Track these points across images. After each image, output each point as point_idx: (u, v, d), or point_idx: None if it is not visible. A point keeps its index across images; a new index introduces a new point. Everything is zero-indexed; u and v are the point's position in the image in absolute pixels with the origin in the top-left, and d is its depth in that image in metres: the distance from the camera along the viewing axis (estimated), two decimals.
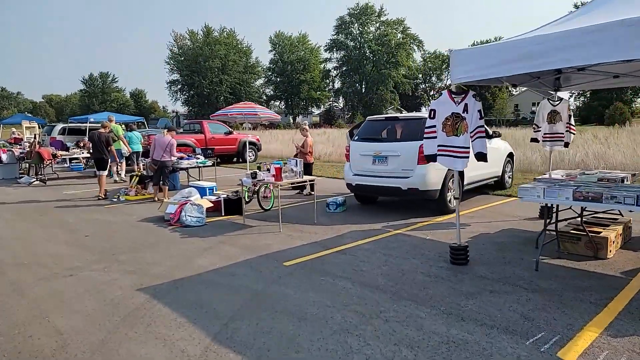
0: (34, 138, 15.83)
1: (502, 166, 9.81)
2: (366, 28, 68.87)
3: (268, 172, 7.78)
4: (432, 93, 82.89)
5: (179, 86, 70.08)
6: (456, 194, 5.30)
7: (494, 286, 4.41)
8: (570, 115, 7.08)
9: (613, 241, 5.18)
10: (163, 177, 9.76)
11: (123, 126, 15.47)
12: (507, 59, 4.48)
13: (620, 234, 5.45)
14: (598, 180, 4.85)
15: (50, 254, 6.02)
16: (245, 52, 71.59)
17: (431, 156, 5.17)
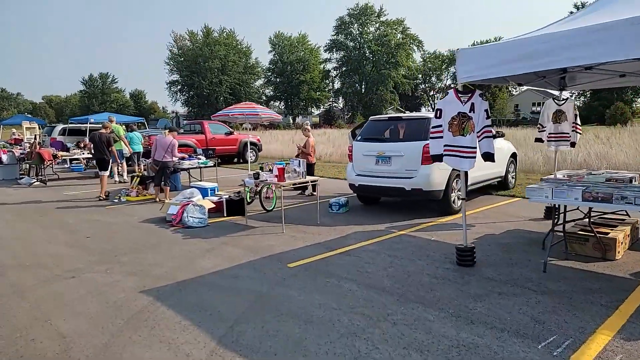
0: (34, 139, 15.76)
1: (506, 166, 9.75)
2: (366, 28, 68.74)
3: (270, 173, 7.73)
4: (432, 93, 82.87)
5: (179, 87, 69.97)
6: (462, 195, 5.24)
7: (502, 288, 4.35)
8: (576, 114, 7.02)
9: (621, 242, 5.12)
10: (164, 178, 9.69)
11: (123, 127, 15.42)
12: (515, 58, 4.41)
13: (628, 235, 5.39)
14: (606, 180, 4.78)
15: (51, 255, 5.95)
16: (245, 53, 71.46)
17: (437, 156, 5.10)
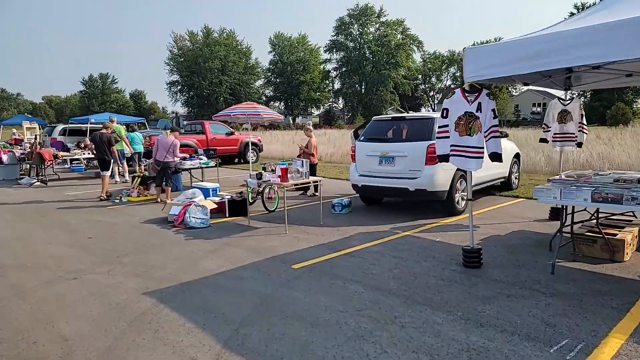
0: (35, 139, 15.69)
1: (509, 167, 9.70)
2: (366, 29, 68.69)
3: (273, 173, 7.67)
4: (432, 94, 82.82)
5: (179, 87, 69.91)
6: (468, 195, 5.18)
7: (511, 290, 4.30)
8: (582, 114, 6.96)
9: (629, 243, 5.06)
10: (166, 178, 9.64)
11: (124, 127, 15.36)
12: (523, 57, 4.35)
13: (636, 236, 5.33)
14: (614, 181, 4.71)
15: (52, 256, 5.89)
16: (245, 53, 71.40)
17: (444, 156, 5.04)
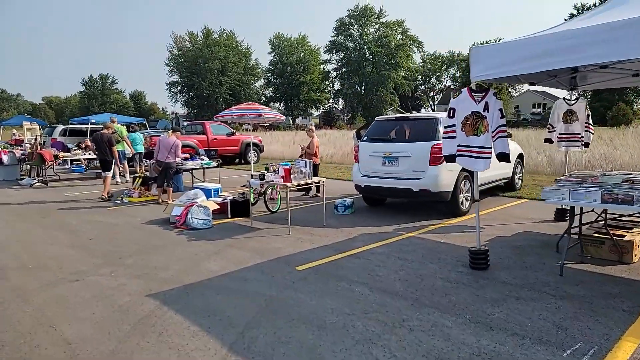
0: (35, 139, 15.63)
1: (513, 167, 9.65)
2: (366, 29, 68.63)
3: (275, 174, 7.61)
4: (432, 94, 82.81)
5: (179, 88, 69.89)
6: (475, 196, 5.12)
7: (519, 293, 4.24)
8: (588, 114, 6.90)
9: (638, 245, 5.00)
10: (167, 179, 9.58)
11: (124, 127, 15.31)
12: (530, 56, 4.30)
13: None
14: (622, 181, 4.66)
15: (54, 258, 5.83)
16: (244, 54, 71.37)
17: (450, 156, 4.99)
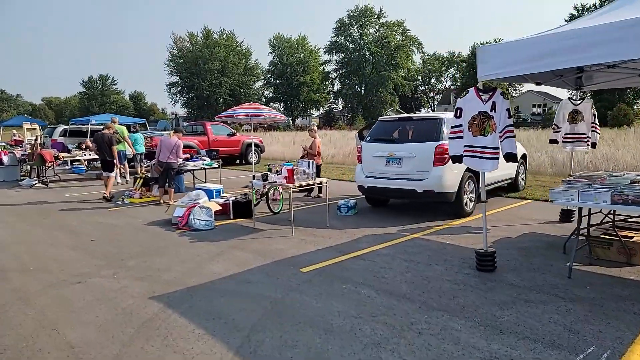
0: (35, 140, 15.57)
1: (516, 168, 9.59)
2: (366, 30, 68.59)
3: (277, 174, 7.56)
4: (432, 95, 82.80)
5: (179, 88, 69.79)
6: (482, 197, 5.06)
7: (528, 295, 4.18)
8: (594, 114, 6.85)
9: None
10: (169, 180, 9.52)
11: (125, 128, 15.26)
12: (538, 55, 4.25)
13: None
14: (631, 182, 4.61)
15: (55, 259, 5.77)
16: (244, 54, 71.31)
17: (457, 157, 4.93)
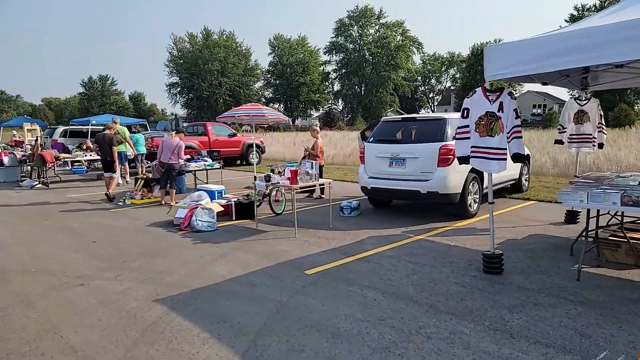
0: (36, 141, 15.51)
1: (520, 169, 9.54)
2: (365, 30, 68.50)
3: (279, 175, 7.51)
4: (432, 95, 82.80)
5: (178, 89, 69.71)
6: (490, 199, 5.00)
7: (537, 298, 4.13)
8: (601, 114, 6.80)
9: None
10: (170, 180, 9.46)
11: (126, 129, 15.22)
12: (547, 54, 4.21)
13: None
14: (639, 183, 4.55)
15: (57, 261, 5.72)
16: (244, 55, 71.26)
17: (464, 158, 4.88)
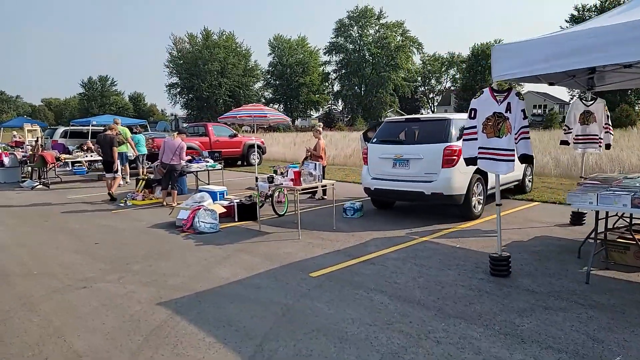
0: (36, 141, 15.45)
1: (523, 169, 9.49)
2: (365, 31, 68.39)
3: (282, 176, 7.46)
4: (432, 96, 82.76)
5: (178, 89, 69.64)
6: (497, 200, 4.95)
7: (547, 301, 4.07)
8: (608, 115, 6.75)
9: None
10: (172, 181, 9.41)
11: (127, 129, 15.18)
12: (556, 54, 4.15)
13: None
14: None
15: (59, 264, 5.66)
16: (244, 55, 71.19)
17: (471, 159, 4.83)
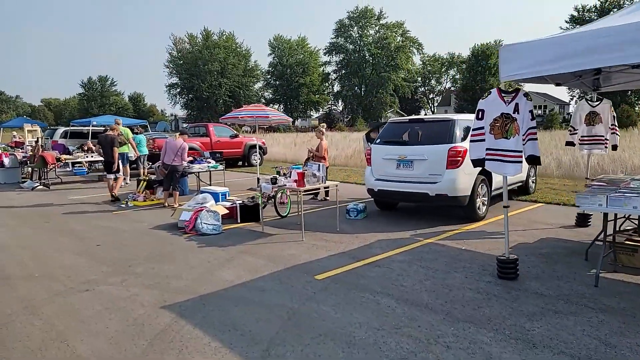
0: (37, 142, 15.39)
1: (527, 171, 9.44)
2: (365, 31, 68.42)
3: (284, 177, 7.40)
4: (432, 96, 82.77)
5: (178, 90, 69.65)
6: (504, 202, 4.89)
7: (556, 305, 4.02)
8: (614, 116, 6.70)
9: None
10: (173, 182, 9.35)
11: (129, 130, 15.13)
12: (565, 55, 4.10)
13: None
14: None
15: (61, 266, 5.60)
16: (244, 56, 71.21)
17: (479, 160, 4.77)
